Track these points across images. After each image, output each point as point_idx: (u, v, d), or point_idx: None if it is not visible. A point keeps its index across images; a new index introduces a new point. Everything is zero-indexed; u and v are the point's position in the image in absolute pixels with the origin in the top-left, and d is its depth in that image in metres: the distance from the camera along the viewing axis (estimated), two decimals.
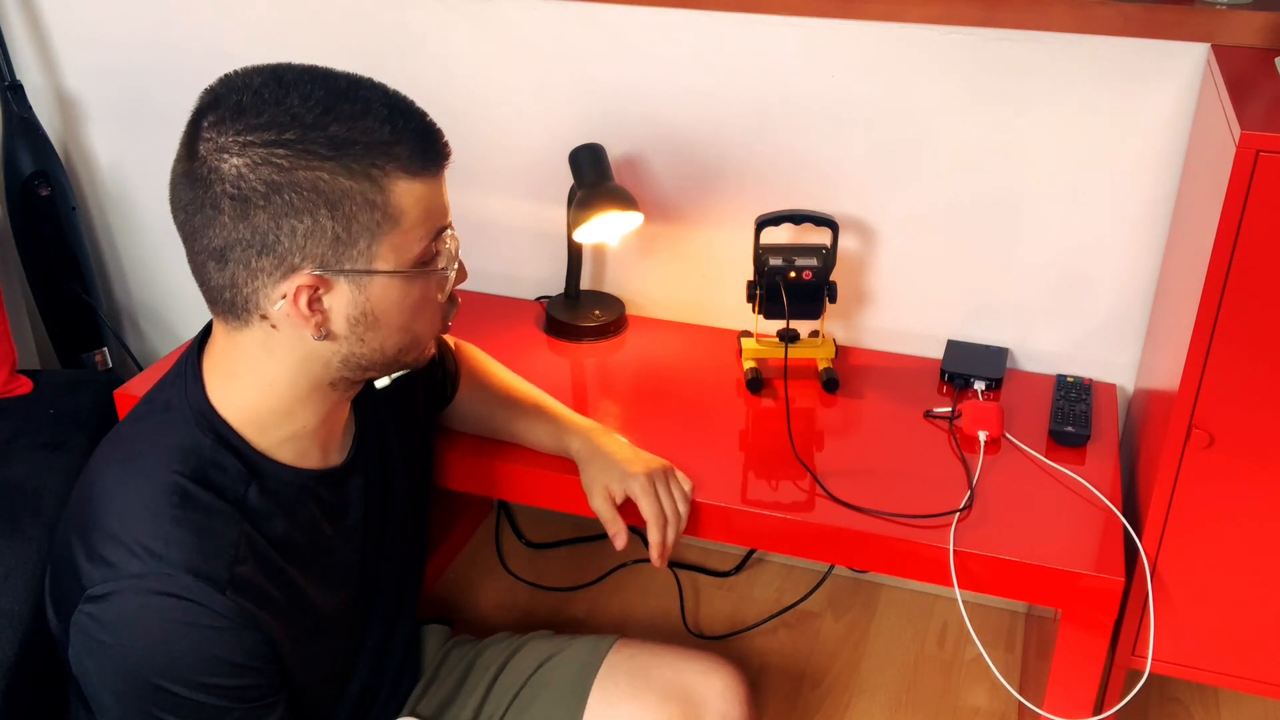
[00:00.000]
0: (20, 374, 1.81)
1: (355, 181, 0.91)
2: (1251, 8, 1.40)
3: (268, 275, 0.93)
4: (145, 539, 0.93)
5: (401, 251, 0.95)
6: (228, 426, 1.00)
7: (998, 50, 1.51)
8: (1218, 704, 1.75)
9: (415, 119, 0.97)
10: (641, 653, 1.34)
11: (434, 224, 0.98)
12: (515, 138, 1.79)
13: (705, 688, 1.30)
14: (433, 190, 0.97)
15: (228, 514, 0.97)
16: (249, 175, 0.90)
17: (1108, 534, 1.31)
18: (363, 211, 0.92)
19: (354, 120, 0.92)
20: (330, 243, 0.92)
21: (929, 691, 1.78)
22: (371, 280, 0.95)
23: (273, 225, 0.91)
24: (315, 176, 0.90)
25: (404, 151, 0.94)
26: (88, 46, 1.98)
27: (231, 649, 0.96)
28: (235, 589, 0.95)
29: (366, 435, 1.15)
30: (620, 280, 1.86)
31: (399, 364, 1.04)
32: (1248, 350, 1.16)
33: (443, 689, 1.35)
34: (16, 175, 1.97)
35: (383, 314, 0.97)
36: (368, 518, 1.15)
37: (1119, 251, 1.58)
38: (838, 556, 1.36)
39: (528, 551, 2.08)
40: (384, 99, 0.95)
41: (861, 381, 1.64)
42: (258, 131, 0.90)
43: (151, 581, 0.92)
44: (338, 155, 0.91)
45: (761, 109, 1.65)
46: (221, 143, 0.90)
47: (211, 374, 1.01)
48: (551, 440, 1.36)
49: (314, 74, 0.94)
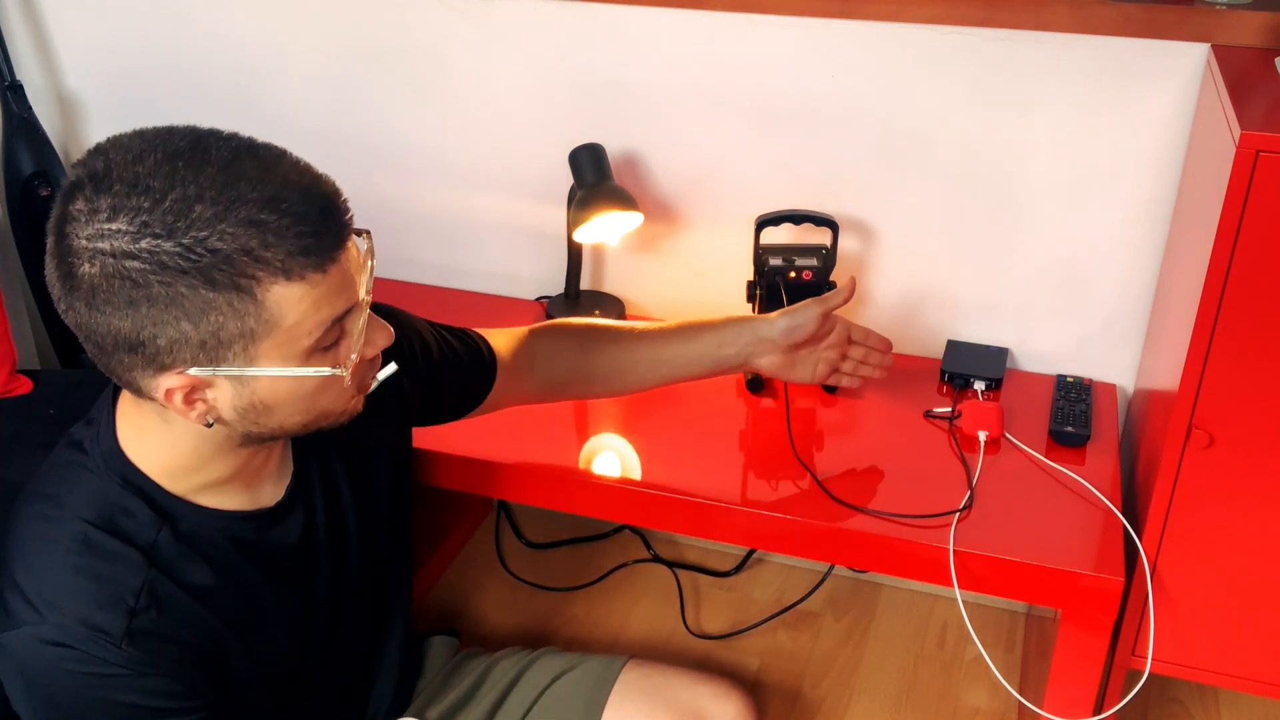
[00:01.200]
0: (20, 374, 1.80)
1: (219, 292, 0.82)
2: (1251, 8, 1.40)
3: (141, 370, 0.87)
4: (43, 589, 0.91)
5: (286, 350, 0.87)
6: (138, 472, 0.96)
7: (998, 50, 1.51)
8: (1218, 704, 1.75)
9: (295, 208, 0.83)
10: (655, 673, 1.35)
11: (327, 316, 0.88)
12: (515, 138, 1.79)
13: (719, 712, 1.31)
14: (322, 286, 0.86)
15: (133, 561, 0.93)
16: (103, 286, 0.82)
17: (1108, 534, 1.31)
18: (231, 320, 0.84)
19: (216, 223, 0.81)
20: (198, 348, 0.85)
21: (929, 691, 1.78)
22: (255, 378, 0.88)
23: (134, 331, 0.84)
24: (173, 291, 0.82)
25: (279, 255, 0.83)
26: (88, 47, 1.98)
27: (134, 693, 0.93)
28: (132, 640, 0.92)
29: (307, 473, 1.09)
30: (620, 280, 1.86)
31: (316, 430, 0.97)
32: (1248, 350, 1.16)
33: (451, 699, 1.34)
34: (16, 175, 1.97)
35: (275, 403, 0.91)
36: (311, 553, 1.09)
37: (1119, 251, 1.58)
38: (838, 556, 1.36)
39: (528, 551, 2.08)
40: (259, 187, 0.83)
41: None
42: (109, 239, 0.81)
43: (44, 630, 0.90)
44: (197, 265, 0.81)
45: (761, 109, 1.65)
46: (76, 246, 0.83)
47: (123, 423, 0.97)
48: (736, 345, 1.31)
49: (181, 154, 0.83)
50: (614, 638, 1.89)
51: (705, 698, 1.32)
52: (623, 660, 1.36)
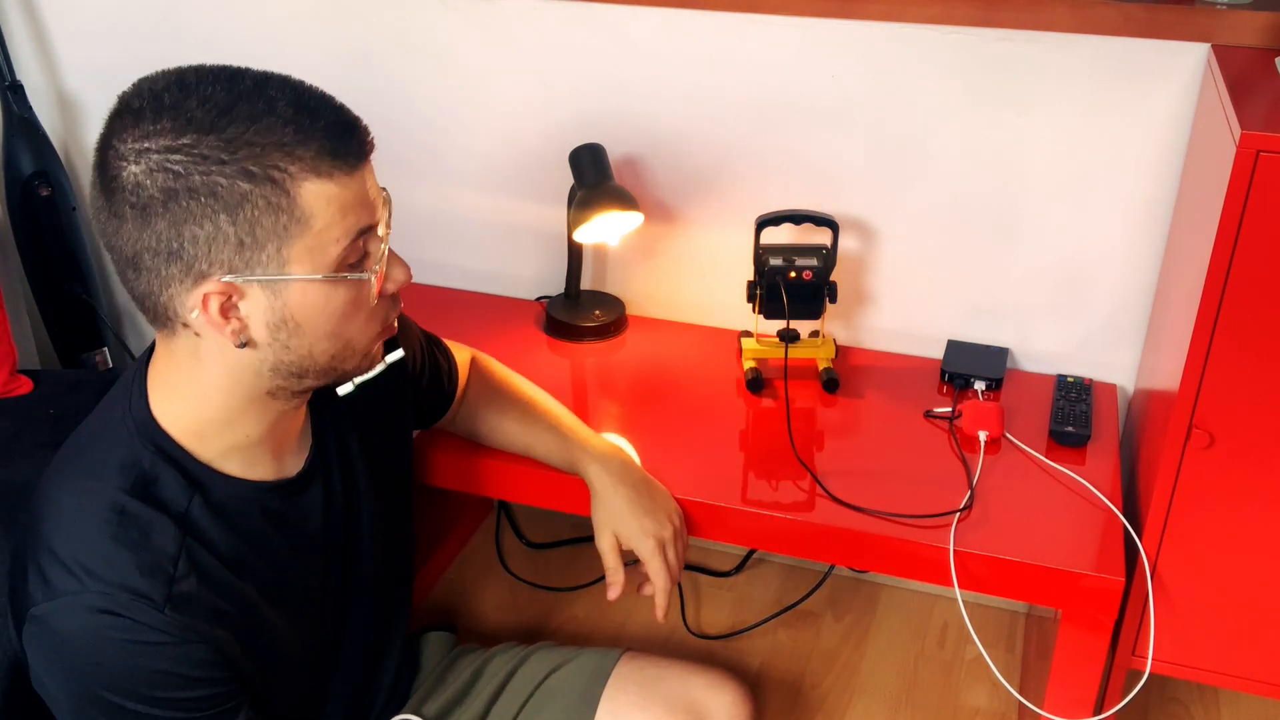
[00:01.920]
0: (20, 374, 1.80)
1: (255, 185, 0.87)
2: (1251, 8, 1.40)
3: (179, 283, 0.90)
4: (83, 557, 0.92)
5: (317, 255, 0.91)
6: (170, 440, 0.98)
7: (998, 50, 1.51)
8: (1218, 704, 1.75)
9: (326, 115, 0.91)
10: (650, 665, 1.35)
11: (353, 224, 0.93)
12: (515, 138, 1.79)
13: (713, 702, 1.31)
14: (349, 190, 0.92)
15: (169, 529, 0.95)
16: (146, 183, 0.87)
17: (1108, 534, 1.31)
18: (266, 215, 0.88)
19: (253, 120, 0.88)
20: (235, 248, 0.89)
21: (929, 691, 1.78)
22: (286, 286, 0.91)
23: (174, 233, 0.88)
24: (212, 181, 0.87)
25: (310, 151, 0.89)
26: (88, 46, 1.98)
27: (177, 662, 0.94)
28: (175, 606, 0.93)
29: (326, 445, 1.12)
30: (620, 280, 1.86)
31: (339, 371, 1.00)
32: (1248, 350, 1.16)
33: (446, 694, 1.34)
34: (16, 175, 1.97)
35: (305, 320, 0.94)
36: (330, 528, 1.12)
37: (1119, 251, 1.58)
38: (838, 556, 1.36)
39: (528, 551, 2.08)
40: (291, 97, 0.90)
41: (862, 381, 1.64)
42: (154, 138, 0.87)
43: (89, 599, 0.91)
44: (235, 158, 0.87)
45: (761, 109, 1.65)
46: (122, 150, 0.88)
47: (154, 387, 0.99)
48: (566, 463, 1.33)
49: (219, 75, 0.90)
50: (614, 637, 1.89)
51: (700, 689, 1.32)
52: (618, 653, 1.36)
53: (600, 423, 1.53)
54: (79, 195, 2.11)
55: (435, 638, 1.41)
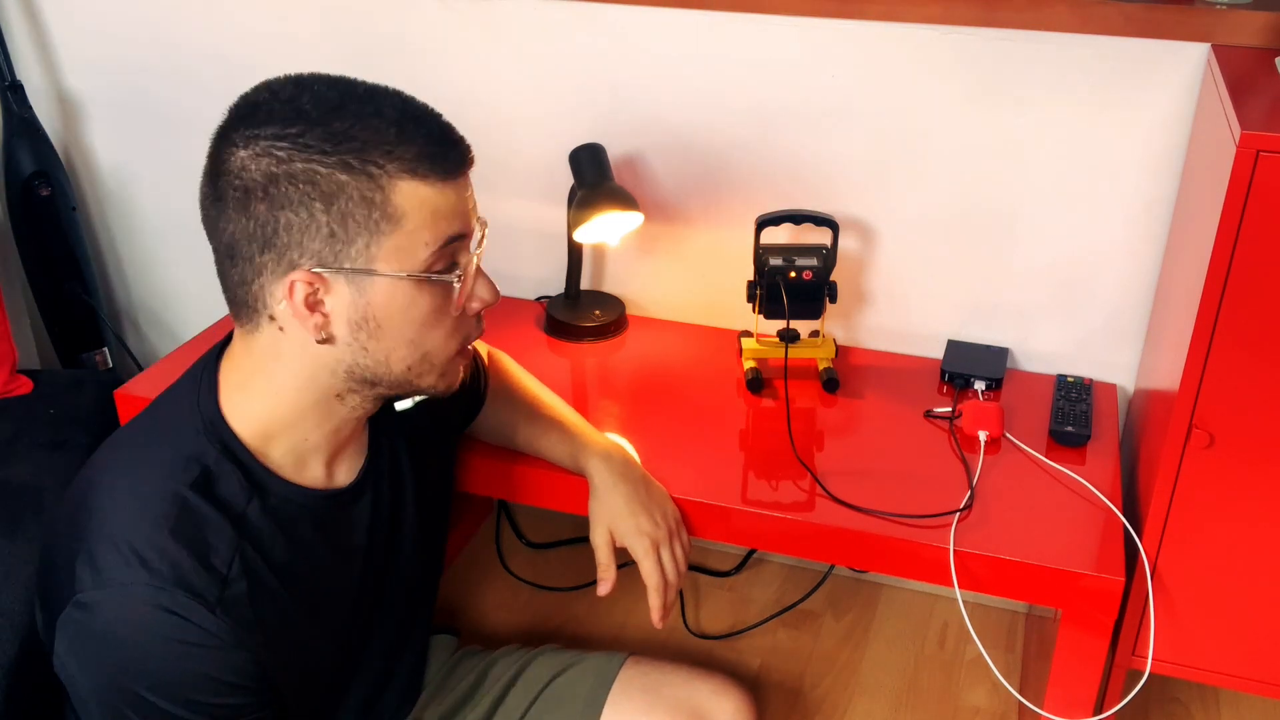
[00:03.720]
0: (20, 374, 1.81)
1: (352, 177, 0.90)
2: (1251, 8, 1.40)
3: (270, 272, 0.93)
4: (141, 547, 0.92)
5: (405, 256, 0.93)
6: (235, 438, 0.99)
7: (998, 50, 1.51)
8: (1218, 704, 1.75)
9: (429, 124, 0.95)
10: (654, 670, 1.35)
11: (444, 231, 0.95)
12: (515, 138, 1.79)
13: (716, 708, 1.31)
14: (443, 196, 0.94)
15: (225, 530, 0.96)
16: (250, 167, 0.90)
17: (1108, 534, 1.31)
18: (359, 208, 0.91)
19: (360, 119, 0.91)
20: (326, 238, 0.91)
21: (929, 691, 1.78)
22: (371, 282, 0.93)
23: (270, 217, 0.91)
24: (311, 169, 0.90)
25: (409, 152, 0.92)
26: (88, 46, 1.98)
27: (218, 667, 0.94)
28: (225, 608, 0.93)
29: (379, 459, 1.13)
30: (620, 280, 1.86)
31: (412, 385, 1.01)
32: (1248, 350, 1.16)
33: (450, 698, 1.34)
34: (16, 175, 1.97)
35: (385, 320, 0.95)
36: (372, 543, 1.12)
37: (1119, 251, 1.58)
38: (838, 556, 1.36)
39: (528, 551, 2.08)
40: (399, 104, 0.94)
41: (862, 381, 1.64)
42: (265, 126, 0.91)
43: (142, 591, 0.91)
44: (337, 150, 0.90)
45: (762, 109, 1.65)
46: (234, 139, 0.92)
47: (226, 382, 1.00)
48: (569, 459, 1.33)
49: (335, 80, 0.94)
50: (614, 637, 1.89)
51: (704, 694, 1.32)
52: (621, 657, 1.36)
53: (600, 423, 1.53)
54: (79, 195, 2.11)
55: (438, 641, 1.41)
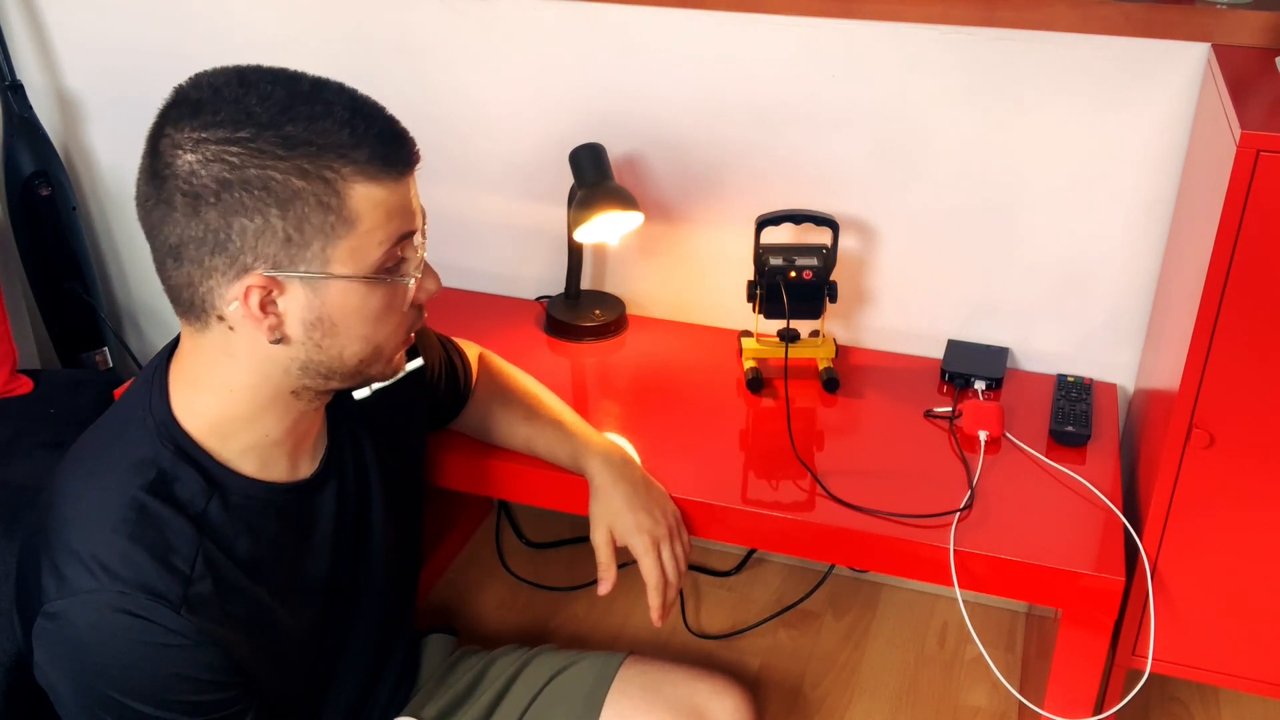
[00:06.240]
0: (20, 374, 1.81)
1: (308, 183, 0.89)
2: (1251, 8, 1.40)
3: (221, 274, 0.91)
4: (101, 554, 0.92)
5: (359, 256, 0.93)
6: (189, 439, 0.98)
7: (998, 50, 1.51)
8: (1218, 704, 1.75)
9: (379, 123, 0.93)
10: (653, 669, 1.35)
11: (396, 230, 0.95)
12: (515, 137, 1.79)
13: (716, 707, 1.31)
14: (395, 195, 0.94)
15: (186, 530, 0.96)
16: (200, 172, 0.88)
17: (1108, 534, 1.31)
18: (315, 213, 0.90)
19: (311, 121, 0.90)
20: (282, 243, 0.90)
21: (929, 691, 1.78)
22: (327, 284, 0.93)
23: (223, 223, 0.89)
24: (266, 175, 0.88)
25: (363, 154, 0.91)
26: (88, 46, 1.98)
27: (189, 665, 0.95)
28: (190, 608, 0.94)
29: (341, 450, 1.13)
30: (620, 280, 1.86)
31: (362, 375, 1.01)
32: (1248, 350, 1.16)
33: (449, 697, 1.34)
34: (17, 175, 1.97)
35: (340, 320, 0.95)
36: (340, 530, 1.12)
37: (1119, 251, 1.58)
38: (838, 556, 1.36)
39: (528, 551, 2.08)
40: (348, 102, 0.92)
41: (862, 381, 1.64)
42: (213, 129, 0.89)
43: (105, 597, 0.91)
44: (291, 155, 0.89)
45: (762, 109, 1.65)
46: (178, 139, 0.89)
47: (176, 383, 1.00)
48: (569, 459, 1.34)
49: (278, 75, 0.92)
50: (614, 637, 1.89)
51: (703, 694, 1.32)
52: (621, 657, 1.36)
53: (600, 422, 1.53)
54: (79, 195, 2.11)
55: (436, 640, 1.41)
